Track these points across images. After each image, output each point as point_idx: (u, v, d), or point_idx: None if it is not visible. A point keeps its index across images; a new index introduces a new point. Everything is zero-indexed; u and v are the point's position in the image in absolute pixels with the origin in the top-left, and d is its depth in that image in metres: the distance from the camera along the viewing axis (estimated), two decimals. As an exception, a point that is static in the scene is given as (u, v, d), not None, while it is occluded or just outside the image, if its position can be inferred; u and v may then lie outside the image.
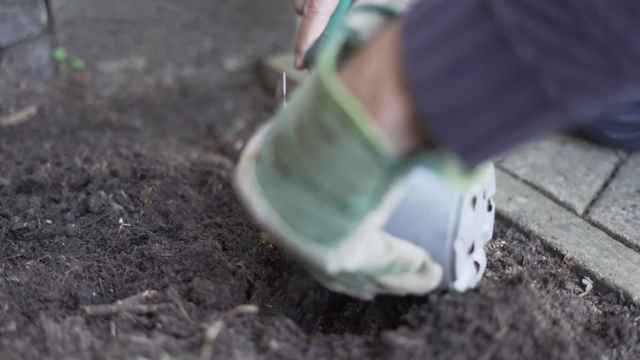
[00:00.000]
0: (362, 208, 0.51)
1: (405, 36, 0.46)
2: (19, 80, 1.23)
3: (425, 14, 0.45)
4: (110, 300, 0.73)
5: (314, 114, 0.50)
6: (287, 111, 0.53)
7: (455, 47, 0.43)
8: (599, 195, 0.96)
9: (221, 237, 0.83)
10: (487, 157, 0.48)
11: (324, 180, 0.50)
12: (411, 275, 0.60)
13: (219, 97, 1.35)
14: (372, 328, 0.70)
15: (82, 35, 1.29)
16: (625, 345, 0.68)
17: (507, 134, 0.45)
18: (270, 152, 0.54)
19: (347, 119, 0.47)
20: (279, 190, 0.53)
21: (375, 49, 0.48)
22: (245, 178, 0.55)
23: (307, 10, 0.84)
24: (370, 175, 0.49)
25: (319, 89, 0.49)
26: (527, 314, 0.61)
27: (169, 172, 0.94)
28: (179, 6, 1.34)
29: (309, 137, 0.50)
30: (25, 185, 0.91)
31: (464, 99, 0.44)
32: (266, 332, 0.65)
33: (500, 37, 0.41)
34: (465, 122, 0.45)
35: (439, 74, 0.44)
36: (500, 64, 0.42)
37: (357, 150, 0.48)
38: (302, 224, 0.53)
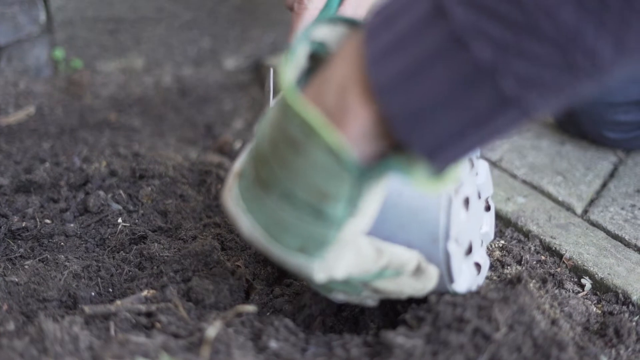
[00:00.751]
0: (339, 215, 0.51)
1: (366, 42, 0.46)
2: (17, 80, 1.23)
3: (384, 19, 0.46)
4: (109, 300, 0.73)
5: (280, 125, 0.50)
6: (263, 126, 0.54)
7: (413, 50, 0.43)
8: (597, 195, 0.96)
9: (220, 237, 0.83)
10: (454, 158, 0.48)
11: (298, 190, 0.51)
12: (406, 278, 0.60)
13: (218, 97, 1.35)
14: (371, 328, 0.70)
15: (80, 35, 1.28)
16: (624, 345, 0.68)
17: (471, 134, 0.45)
18: (251, 168, 0.54)
19: (309, 129, 0.48)
20: (260, 204, 0.53)
21: (340, 58, 0.49)
22: (230, 195, 0.56)
23: (296, 6, 0.85)
24: (341, 182, 0.49)
25: (282, 102, 0.50)
26: (526, 314, 0.61)
27: (167, 171, 0.94)
28: (177, 6, 1.34)
29: (280, 149, 0.51)
30: (24, 185, 0.91)
31: (425, 100, 0.44)
32: (265, 331, 0.65)
33: (456, 37, 0.41)
34: (429, 123, 0.45)
35: (400, 77, 0.44)
36: (458, 64, 0.42)
37: (322, 158, 0.48)
38: (284, 236, 0.53)
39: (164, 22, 1.35)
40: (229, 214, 0.56)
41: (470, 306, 0.61)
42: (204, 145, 1.16)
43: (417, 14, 0.43)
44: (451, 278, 0.63)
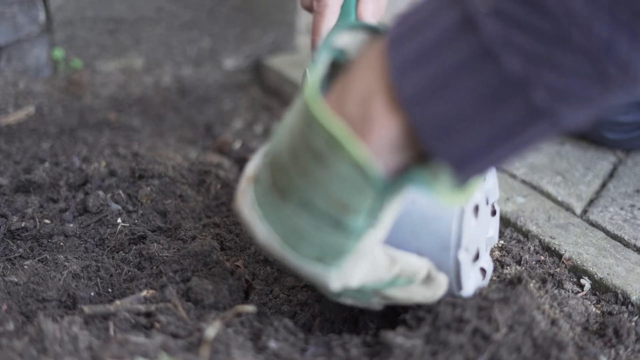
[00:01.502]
0: (359, 227, 0.51)
1: (390, 52, 0.45)
2: (17, 79, 1.23)
3: (408, 29, 0.45)
4: (108, 300, 0.73)
5: (303, 136, 0.49)
6: (280, 132, 0.53)
7: (441, 61, 0.43)
8: (597, 195, 0.96)
9: (219, 237, 0.83)
10: (481, 170, 0.47)
11: (318, 201, 0.50)
12: (417, 286, 0.60)
13: (218, 97, 1.34)
14: (371, 328, 0.70)
15: (80, 34, 1.28)
16: (624, 345, 0.68)
17: (500, 146, 0.45)
18: (267, 174, 0.53)
19: (335, 142, 0.47)
20: (278, 212, 0.53)
21: (362, 67, 0.48)
22: (245, 200, 0.55)
23: (316, 5, 0.83)
24: (364, 195, 0.49)
25: (305, 112, 0.49)
26: (526, 314, 0.61)
27: (167, 171, 0.94)
28: (177, 6, 1.34)
29: (301, 159, 0.50)
30: (24, 185, 0.91)
31: (454, 112, 0.44)
32: (265, 331, 0.65)
33: (486, 49, 0.41)
34: (457, 135, 0.45)
35: (427, 88, 0.44)
36: (488, 76, 0.42)
37: (347, 171, 0.48)
38: (301, 245, 0.53)
39: (164, 22, 1.35)
40: (243, 218, 0.56)
41: (470, 306, 0.61)
42: (203, 145, 1.16)
43: (444, 25, 0.43)
44: (460, 285, 0.63)
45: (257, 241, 0.55)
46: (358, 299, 0.59)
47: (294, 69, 1.35)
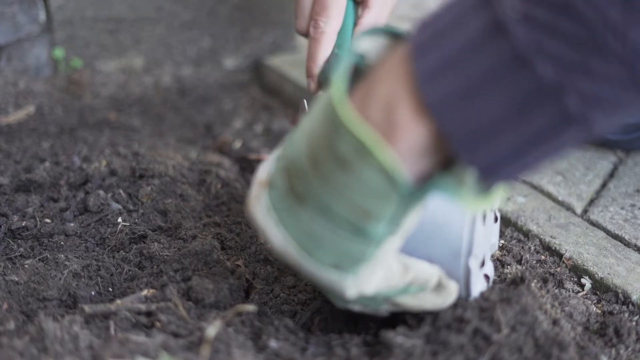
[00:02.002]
0: (380, 234, 0.51)
1: (415, 58, 0.45)
2: (17, 79, 1.23)
3: (434, 34, 0.45)
4: (109, 299, 0.73)
5: (327, 142, 0.49)
6: (298, 137, 0.52)
7: (471, 68, 0.43)
8: (597, 194, 0.96)
9: (220, 236, 0.83)
10: (509, 176, 0.47)
11: (339, 207, 0.50)
12: (428, 293, 0.59)
13: (218, 97, 1.34)
14: (371, 327, 0.70)
15: (80, 34, 1.28)
16: (624, 345, 0.68)
17: (530, 152, 0.45)
18: (283, 178, 0.53)
19: (363, 148, 0.46)
20: (295, 217, 0.52)
21: (384, 72, 0.48)
22: (259, 205, 0.55)
23: (313, 31, 0.81)
24: (388, 202, 0.49)
25: (332, 118, 0.48)
26: (529, 315, 0.61)
27: (167, 171, 0.94)
28: (177, 6, 1.34)
29: (322, 165, 0.49)
30: (24, 184, 0.91)
31: (484, 119, 0.44)
32: (265, 331, 0.65)
33: (518, 56, 0.41)
34: (488, 142, 0.44)
35: (456, 95, 0.44)
36: (521, 82, 0.42)
37: (373, 178, 0.47)
38: (319, 251, 0.52)
39: (164, 21, 1.35)
40: (257, 223, 0.55)
41: (471, 307, 0.60)
42: (203, 144, 1.16)
43: (472, 31, 0.43)
44: (468, 292, 0.62)
45: (272, 247, 0.54)
46: (367, 306, 0.59)
47: (294, 68, 1.35)
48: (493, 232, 0.73)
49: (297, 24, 0.86)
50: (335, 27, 0.82)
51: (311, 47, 0.82)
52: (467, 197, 0.47)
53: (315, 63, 0.82)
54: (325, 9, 0.81)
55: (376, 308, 0.60)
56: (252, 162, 1.08)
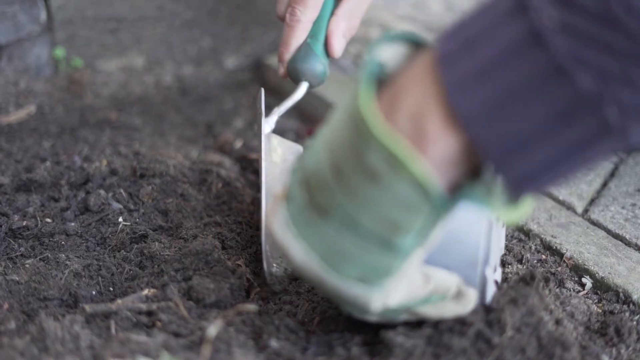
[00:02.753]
0: (408, 246, 0.50)
1: (443, 67, 0.44)
2: (18, 79, 1.23)
3: (463, 44, 0.44)
4: (109, 298, 0.73)
5: (354, 153, 0.48)
6: (317, 148, 0.51)
7: (506, 78, 0.42)
8: (598, 194, 0.96)
9: (221, 236, 0.83)
10: (542, 186, 0.47)
11: (366, 220, 0.49)
12: (448, 302, 0.58)
13: (218, 96, 1.34)
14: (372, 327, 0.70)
15: (81, 34, 1.29)
16: (625, 344, 0.68)
17: (565, 163, 0.44)
18: (302, 191, 0.52)
19: (395, 160, 0.45)
20: (316, 231, 0.51)
21: (410, 81, 0.47)
22: (277, 219, 0.53)
23: (289, 18, 0.82)
24: (418, 214, 0.48)
25: (360, 129, 0.47)
26: (534, 316, 0.60)
27: (168, 170, 0.94)
28: (178, 5, 1.34)
29: (347, 177, 0.48)
30: (25, 184, 0.91)
31: (520, 130, 0.43)
32: (266, 330, 0.65)
33: (557, 67, 0.40)
34: (522, 153, 0.44)
35: (491, 106, 0.43)
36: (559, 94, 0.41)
37: (405, 190, 0.46)
38: (343, 265, 0.51)
39: (165, 21, 1.35)
40: (276, 238, 0.54)
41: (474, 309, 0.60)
42: (204, 144, 1.16)
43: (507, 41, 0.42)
44: (483, 300, 0.62)
45: (292, 261, 0.53)
46: (385, 316, 0.58)
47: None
48: (501, 236, 0.72)
49: (278, 8, 0.87)
50: (310, 17, 0.82)
51: (285, 34, 0.83)
52: (497, 207, 0.46)
53: (287, 49, 0.83)
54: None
55: (394, 318, 0.59)
56: (253, 161, 1.08)
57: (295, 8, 0.82)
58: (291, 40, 0.83)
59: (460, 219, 0.59)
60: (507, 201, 0.47)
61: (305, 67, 0.82)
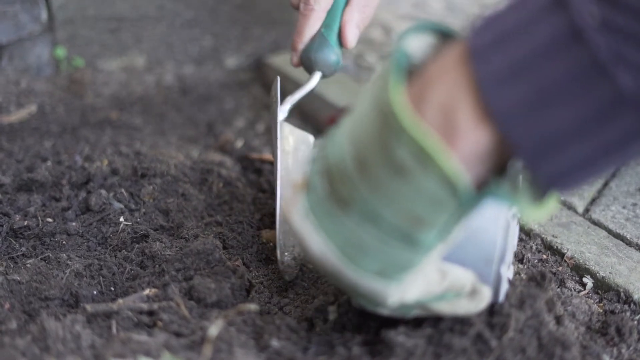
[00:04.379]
0: (430, 242, 0.49)
1: (476, 60, 0.44)
2: (19, 78, 1.23)
3: (497, 38, 0.43)
4: (111, 298, 0.73)
5: (380, 146, 0.47)
6: (341, 138, 0.50)
7: (543, 74, 0.42)
8: (599, 193, 0.96)
9: (222, 236, 0.83)
10: (575, 184, 0.46)
11: (389, 214, 0.48)
12: (462, 299, 0.58)
13: (219, 96, 1.35)
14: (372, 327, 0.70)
15: (82, 33, 1.29)
16: (626, 344, 0.68)
17: (601, 161, 0.44)
18: (323, 182, 0.51)
19: (425, 155, 0.45)
20: (337, 223, 0.50)
21: (440, 73, 0.46)
22: (295, 209, 0.53)
23: (303, 7, 0.83)
24: (444, 210, 0.47)
25: (389, 121, 0.46)
26: (538, 318, 0.60)
27: (169, 170, 0.94)
28: (179, 4, 1.34)
29: (372, 170, 0.47)
30: (26, 184, 0.91)
31: (558, 128, 0.42)
32: (267, 330, 0.65)
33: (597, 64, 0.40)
34: (557, 150, 0.43)
35: (527, 103, 0.42)
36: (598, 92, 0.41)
37: (433, 186, 0.46)
38: (363, 258, 0.50)
39: (165, 20, 1.35)
40: (295, 228, 0.53)
41: None
42: (205, 143, 1.16)
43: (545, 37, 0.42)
44: (496, 298, 0.62)
45: (310, 252, 0.53)
46: (397, 310, 0.57)
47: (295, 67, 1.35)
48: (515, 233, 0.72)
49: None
50: (325, 6, 0.82)
51: (299, 23, 0.83)
52: (523, 204, 0.46)
53: (300, 38, 0.83)
54: None
55: (406, 313, 0.58)
56: (254, 161, 1.08)
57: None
58: (305, 29, 0.83)
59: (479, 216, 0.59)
60: (532, 198, 0.46)
61: (319, 57, 0.83)
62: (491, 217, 0.59)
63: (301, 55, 0.84)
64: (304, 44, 0.84)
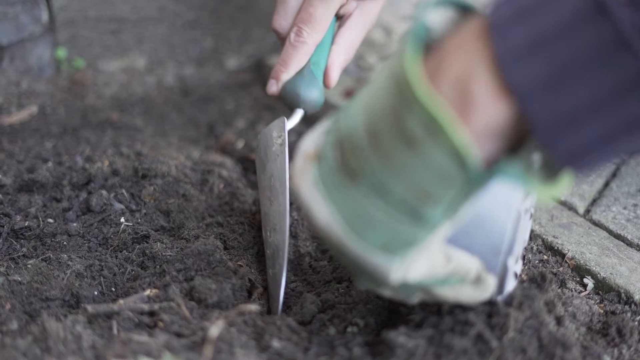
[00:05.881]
0: (436, 218, 0.49)
1: (496, 34, 0.43)
2: (20, 79, 1.23)
3: (517, 11, 0.43)
4: (111, 299, 0.73)
5: (393, 117, 0.46)
6: (355, 110, 0.50)
7: (565, 49, 0.41)
8: (600, 194, 0.96)
9: (223, 236, 0.84)
10: (592, 163, 0.45)
11: (397, 187, 0.47)
12: (466, 286, 0.57)
13: (220, 97, 1.35)
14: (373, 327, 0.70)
15: (83, 34, 1.29)
16: (627, 345, 0.68)
17: (620, 139, 0.43)
18: (334, 152, 0.51)
19: (436, 126, 0.44)
20: (345, 194, 0.50)
21: (458, 47, 0.45)
22: (305, 178, 0.52)
23: (294, 38, 0.80)
24: (452, 185, 0.46)
25: (403, 91, 0.46)
26: (538, 319, 0.60)
27: (170, 171, 0.94)
28: (179, 6, 1.34)
29: (384, 141, 0.47)
30: (27, 184, 0.91)
31: (578, 104, 0.42)
32: (268, 331, 0.65)
33: (621, 40, 0.39)
34: (577, 127, 0.43)
35: (547, 78, 0.42)
36: (621, 67, 0.40)
37: (442, 159, 0.45)
38: (368, 231, 0.50)
39: (166, 21, 1.35)
40: (302, 197, 0.53)
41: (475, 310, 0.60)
42: (206, 144, 1.16)
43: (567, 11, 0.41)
44: (501, 290, 0.61)
45: (315, 223, 0.52)
46: (399, 292, 0.56)
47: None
48: (527, 228, 0.71)
49: (277, 22, 0.84)
50: (316, 41, 0.80)
51: (288, 53, 0.81)
52: (535, 184, 0.45)
53: (286, 69, 0.81)
54: (312, 20, 0.79)
55: (409, 295, 0.57)
56: (255, 162, 1.08)
57: (302, 29, 0.80)
58: (293, 61, 0.80)
59: (489, 205, 0.58)
60: (545, 178, 0.46)
61: (307, 95, 0.80)
62: (502, 207, 0.59)
63: (286, 88, 0.81)
64: (290, 76, 0.81)
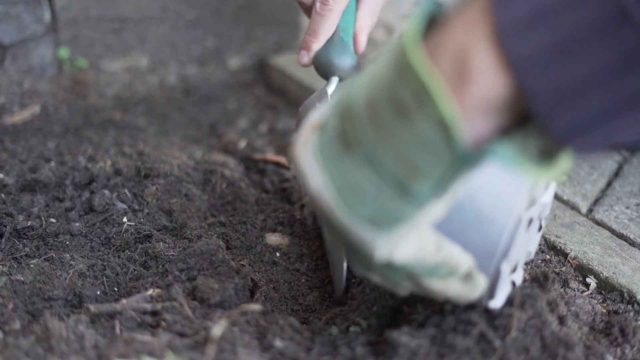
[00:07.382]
0: (424, 194, 0.48)
1: (497, 7, 0.43)
2: (22, 79, 1.24)
3: None
4: (114, 298, 0.73)
5: (389, 86, 0.47)
6: (359, 81, 0.51)
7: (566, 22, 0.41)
8: (602, 194, 0.96)
9: (225, 236, 0.84)
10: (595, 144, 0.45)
11: (388, 158, 0.48)
12: (455, 280, 0.57)
13: (222, 96, 1.35)
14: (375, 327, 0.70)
15: (85, 34, 1.29)
16: (629, 344, 0.68)
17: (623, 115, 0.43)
18: (336, 123, 0.51)
19: (425, 94, 0.44)
20: (339, 163, 0.50)
21: (461, 21, 0.45)
22: (305, 147, 0.53)
23: (320, 7, 0.81)
24: (439, 161, 0.46)
25: (399, 60, 0.46)
26: (540, 318, 0.60)
27: (172, 170, 0.94)
28: (182, 5, 1.34)
29: (379, 110, 0.47)
30: (30, 184, 0.91)
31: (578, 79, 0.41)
32: (270, 330, 0.65)
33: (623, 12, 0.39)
34: (577, 102, 0.42)
35: (547, 51, 0.41)
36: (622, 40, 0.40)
37: (429, 130, 0.45)
38: (357, 202, 0.50)
39: (169, 21, 1.35)
40: (299, 165, 0.53)
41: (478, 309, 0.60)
42: (208, 144, 1.16)
43: None
44: (492, 295, 0.60)
45: (309, 190, 0.52)
46: (388, 278, 0.56)
47: (298, 68, 1.35)
48: (533, 240, 0.70)
49: None
50: (342, 7, 0.81)
51: (316, 23, 0.81)
52: (528, 167, 0.45)
53: (317, 39, 0.81)
54: None
55: (397, 283, 0.57)
56: (257, 161, 1.08)
57: None
58: (322, 30, 0.81)
59: (491, 206, 0.58)
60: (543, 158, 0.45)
61: (341, 62, 0.81)
62: (503, 210, 0.58)
63: (318, 57, 0.82)
64: (320, 45, 0.82)
